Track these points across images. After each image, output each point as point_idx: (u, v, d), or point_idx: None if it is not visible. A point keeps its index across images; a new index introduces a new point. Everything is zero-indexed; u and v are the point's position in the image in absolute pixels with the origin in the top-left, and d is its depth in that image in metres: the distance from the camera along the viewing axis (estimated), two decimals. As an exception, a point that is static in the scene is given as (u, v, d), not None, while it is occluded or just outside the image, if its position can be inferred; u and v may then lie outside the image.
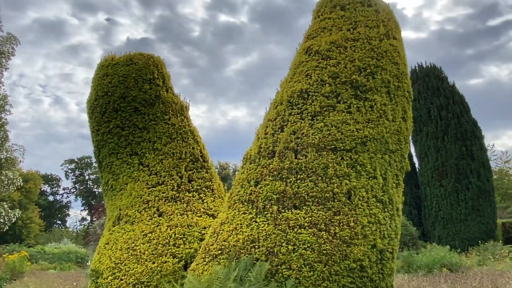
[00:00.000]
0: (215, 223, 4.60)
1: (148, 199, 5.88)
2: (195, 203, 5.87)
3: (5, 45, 16.44)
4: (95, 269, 5.40)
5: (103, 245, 5.79)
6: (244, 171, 4.72)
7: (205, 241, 4.53)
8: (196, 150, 6.65)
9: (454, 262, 11.83)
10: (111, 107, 6.59)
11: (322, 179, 4.12)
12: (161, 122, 6.63)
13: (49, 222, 61.98)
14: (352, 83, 4.63)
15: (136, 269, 4.95)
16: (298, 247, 3.75)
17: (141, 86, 6.68)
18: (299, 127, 4.48)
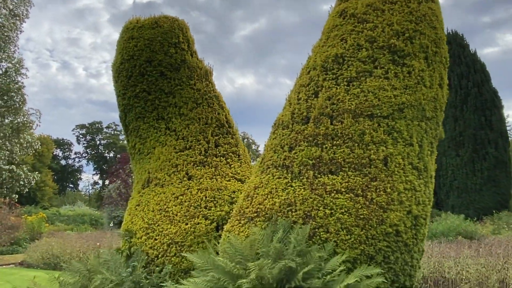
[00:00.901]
0: (248, 187, 4.68)
1: (176, 163, 5.98)
2: (223, 167, 5.96)
3: (19, 7, 16.31)
4: (128, 229, 5.57)
5: (133, 206, 5.95)
6: (276, 137, 4.75)
7: (238, 204, 4.64)
8: (222, 116, 6.68)
9: (469, 230, 11.98)
10: (137, 71, 6.58)
11: (359, 145, 4.15)
12: (187, 87, 6.61)
13: (62, 185, 63.35)
14: (390, 47, 4.56)
15: (170, 230, 5.12)
16: (335, 211, 3.83)
17: (166, 50, 6.63)
18: (334, 93, 4.46)
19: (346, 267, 3.35)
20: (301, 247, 3.32)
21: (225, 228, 4.52)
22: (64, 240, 12.95)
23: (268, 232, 3.79)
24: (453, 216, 13.71)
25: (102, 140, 69.01)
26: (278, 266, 2.94)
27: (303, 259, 3.12)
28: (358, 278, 3.08)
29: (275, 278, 2.94)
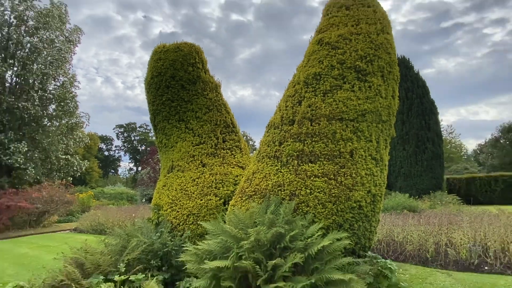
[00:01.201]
0: (247, 172, 4.68)
1: (193, 154, 5.96)
2: (228, 158, 5.95)
3: (73, 35, 16.13)
4: (157, 204, 5.56)
5: (161, 187, 5.93)
6: (269, 135, 4.74)
7: (240, 185, 4.64)
8: (228, 119, 6.65)
9: (412, 205, 12.07)
10: (164, 84, 6.54)
11: (331, 141, 4.15)
12: (201, 97, 6.57)
13: (105, 171, 63.35)
14: (355, 68, 4.55)
15: (188, 204, 5.11)
16: (313, 191, 3.84)
17: (186, 68, 6.59)
18: (313, 102, 4.46)
19: (321, 232, 3.36)
20: (288, 217, 3.33)
21: (230, 203, 4.52)
22: (107, 212, 12.93)
23: (263, 206, 3.80)
24: (400, 195, 13.79)
25: (136, 136, 69.25)
26: (271, 232, 2.95)
27: (290, 227, 3.14)
28: (331, 240, 3.10)
29: (269, 240, 2.95)
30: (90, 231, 11.71)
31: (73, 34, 15.97)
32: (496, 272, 4.53)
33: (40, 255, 7.54)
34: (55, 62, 14.61)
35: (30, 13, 14.40)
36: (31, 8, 14.36)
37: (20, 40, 14.02)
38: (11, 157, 13.52)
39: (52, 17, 14.66)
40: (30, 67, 14.26)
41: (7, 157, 13.47)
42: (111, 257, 3.73)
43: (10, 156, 13.52)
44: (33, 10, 14.48)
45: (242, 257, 2.85)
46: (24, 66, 14.29)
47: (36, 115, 14.69)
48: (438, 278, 4.31)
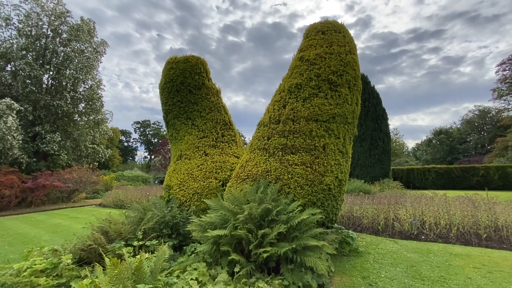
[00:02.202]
0: (242, 160, 4.62)
1: (198, 146, 5.85)
2: (226, 149, 5.86)
3: (100, 47, 15.55)
4: (168, 185, 5.44)
5: (171, 171, 5.81)
6: (259, 131, 4.68)
7: (235, 171, 4.58)
8: (226, 118, 6.54)
9: (367, 189, 12.27)
10: (175, 89, 6.37)
11: (308, 137, 4.13)
12: (205, 100, 6.44)
13: (124, 158, 62.26)
14: (329, 80, 4.53)
15: (194, 185, 5.02)
16: (294, 176, 3.82)
17: (193, 77, 6.43)
18: (295, 106, 4.42)
19: (300, 208, 3.36)
20: (274, 196, 3.30)
21: (228, 185, 4.46)
22: (126, 191, 12.63)
23: (254, 187, 3.75)
24: (358, 181, 14.00)
25: (150, 131, 68.37)
26: (261, 207, 2.92)
27: (275, 204, 3.10)
28: (307, 215, 3.10)
29: (259, 214, 2.92)
30: (112, 206, 11.44)
31: (100, 46, 15.39)
32: (431, 240, 4.64)
33: (71, 225, 7.32)
34: (84, 68, 14.06)
35: (64, 27, 13.77)
36: (65, 24, 13.74)
37: (55, 49, 13.42)
38: (47, 145, 13.02)
39: (82, 31, 14.07)
40: (63, 72, 13.69)
41: (44, 145, 12.96)
42: (131, 226, 3.63)
43: (47, 145, 13.02)
44: (67, 25, 13.85)
45: (237, 227, 2.82)
46: (58, 71, 13.70)
47: (68, 112, 14.16)
48: (388, 244, 4.39)
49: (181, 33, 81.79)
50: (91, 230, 3.68)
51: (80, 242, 3.44)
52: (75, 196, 13.99)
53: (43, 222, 8.00)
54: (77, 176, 13.62)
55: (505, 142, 29.15)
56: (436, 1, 61.03)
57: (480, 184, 17.21)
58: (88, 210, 10.53)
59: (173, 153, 6.55)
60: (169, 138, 6.90)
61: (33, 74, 12.49)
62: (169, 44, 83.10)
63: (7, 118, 10.79)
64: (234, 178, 4.42)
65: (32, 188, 11.78)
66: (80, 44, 14.51)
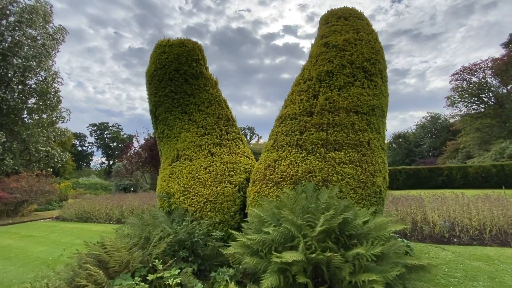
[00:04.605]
0: (264, 160, 3.83)
1: (200, 144, 4.91)
2: (234, 148, 5.02)
3: (57, 33, 13.45)
4: (167, 192, 4.41)
5: (167, 175, 4.77)
6: (285, 125, 3.96)
7: (259, 173, 3.77)
8: (228, 113, 5.70)
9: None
10: (167, 77, 5.36)
11: (351, 131, 3.53)
12: (203, 91, 5.52)
13: (78, 164, 56.70)
14: (363, 68, 4.00)
15: (204, 192, 4.09)
16: (344, 176, 3.17)
17: (190, 63, 5.48)
18: (330, 96, 3.80)
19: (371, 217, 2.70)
20: (332, 200, 2.58)
21: (253, 190, 3.64)
22: (92, 200, 10.83)
23: (298, 192, 3.01)
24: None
25: (108, 134, 63.06)
26: (339, 218, 2.18)
27: (352, 213, 2.39)
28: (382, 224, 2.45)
29: (336, 227, 2.19)
30: (75, 219, 9.65)
31: (57, 33, 13.27)
32: (465, 243, 4.34)
33: (27, 247, 5.74)
34: (38, 56, 11.92)
35: (13, 7, 11.55)
36: (15, 3, 11.53)
37: (1, 32, 11.15)
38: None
39: (37, 14, 11.95)
40: (10, 59, 11.43)
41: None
42: (138, 251, 2.60)
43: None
44: (17, 5, 11.65)
45: (311, 247, 2.04)
46: (4, 58, 11.40)
47: (15, 107, 11.84)
48: (438, 252, 3.92)
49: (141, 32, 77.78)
50: (78, 260, 2.57)
51: (63, 279, 2.34)
52: (24, 208, 11.67)
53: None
54: (27, 184, 11.38)
55: (456, 145, 32.32)
56: (386, 19, 66.95)
57: (444, 183, 18.47)
58: (45, 226, 8.67)
59: (166, 153, 5.47)
60: (159, 136, 5.80)
61: (-31, 59, 10.16)
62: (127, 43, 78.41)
63: None
64: (260, 181, 3.62)
65: (-35, 200, 9.44)
66: (32, 30, 12.33)
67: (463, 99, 27.97)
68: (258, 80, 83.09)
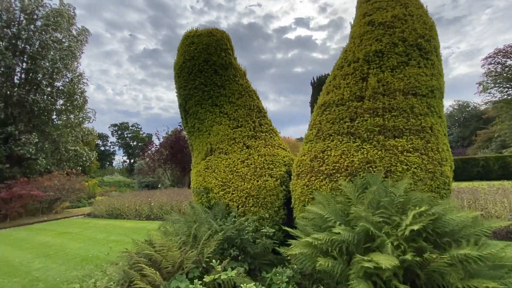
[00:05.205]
0: (313, 151, 3.52)
1: (234, 137, 4.68)
2: (269, 140, 4.75)
3: (81, 35, 13.72)
4: (204, 186, 4.23)
5: (202, 169, 4.59)
6: (330, 113, 3.62)
7: (304, 165, 3.47)
8: (259, 104, 5.42)
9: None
10: (197, 68, 5.15)
11: (411, 116, 3.14)
12: (233, 82, 5.28)
13: (102, 163, 58.97)
14: (417, 45, 3.56)
15: (244, 186, 3.86)
16: (410, 166, 2.81)
17: (219, 53, 5.25)
18: (382, 77, 3.41)
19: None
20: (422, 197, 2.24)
21: (300, 183, 3.35)
22: (121, 197, 11.01)
23: (358, 184, 2.70)
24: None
25: (128, 134, 65.12)
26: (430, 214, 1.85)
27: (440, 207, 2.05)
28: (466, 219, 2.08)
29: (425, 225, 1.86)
30: (105, 215, 9.84)
31: (80, 34, 13.53)
32: (537, 240, 3.84)
33: (64, 244, 5.81)
34: (65, 58, 12.19)
35: (40, 11, 11.84)
36: (41, 7, 11.81)
37: (30, 37, 11.48)
38: (23, 148, 11.06)
39: (62, 17, 12.20)
40: (39, 62, 11.76)
41: (18, 148, 10.99)
42: (191, 250, 2.40)
43: (22, 147, 11.05)
44: (44, 9, 11.93)
45: (400, 247, 1.73)
46: (34, 61, 11.76)
47: (46, 108, 12.22)
48: None
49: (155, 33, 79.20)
50: (128, 260, 2.41)
51: (115, 280, 2.18)
52: (57, 206, 12.10)
53: (26, 241, 6.38)
54: (59, 183, 11.75)
55: (488, 134, 30.27)
56: (405, 5, 63.38)
57: (480, 174, 17.29)
58: (79, 223, 8.87)
59: (198, 147, 5.29)
60: (189, 130, 5.63)
61: (4, 63, 10.51)
62: (142, 45, 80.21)
63: (-30, 116, 8.87)
64: (308, 174, 3.32)
65: (5, 199, 9.86)
66: (58, 33, 12.62)
67: (497, 84, 26.00)
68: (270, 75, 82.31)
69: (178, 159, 22.96)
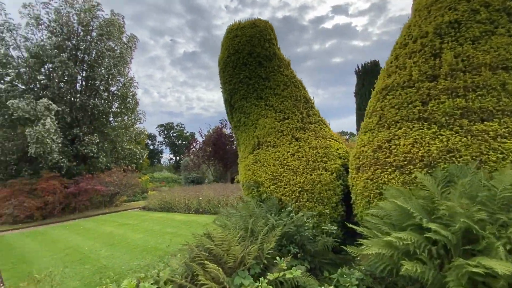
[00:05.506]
0: (376, 141, 3.15)
1: (281, 129, 4.49)
2: (319, 131, 4.45)
3: (130, 42, 14.75)
4: (255, 180, 4.13)
5: (251, 163, 4.49)
6: (394, 97, 3.21)
7: (366, 157, 3.13)
8: (306, 94, 5.13)
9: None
10: (241, 62, 5.06)
11: (503, 94, 2.60)
12: (278, 73, 5.07)
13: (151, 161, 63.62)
14: (505, 9, 2.94)
15: (297, 180, 3.66)
16: (507, 155, 2.32)
17: (263, 44, 5.08)
18: (461, 51, 2.89)
19: None
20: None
21: (363, 177, 3.03)
22: (172, 192, 11.66)
23: (438, 177, 2.30)
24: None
25: (174, 133, 69.36)
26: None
27: None
28: None
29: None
30: (158, 209, 10.49)
31: (130, 40, 14.56)
32: None
33: (126, 234, 6.28)
34: (118, 64, 13.26)
35: (94, 23, 13.02)
36: (95, 18, 12.98)
37: (87, 47, 12.71)
38: (86, 147, 12.38)
39: (113, 26, 13.26)
40: (97, 69, 12.97)
41: (83, 148, 12.32)
42: (253, 246, 2.30)
43: (86, 147, 12.38)
44: (98, 20, 13.09)
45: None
46: (92, 69, 13.01)
47: (104, 112, 13.47)
48: None
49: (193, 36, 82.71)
50: (189, 253, 2.40)
51: (179, 274, 2.16)
52: (117, 199, 13.31)
53: (93, 231, 7.07)
54: (118, 178, 12.89)
55: None
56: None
57: None
58: (136, 215, 9.60)
59: (244, 141, 5.23)
60: (235, 125, 5.59)
61: (68, 72, 11.81)
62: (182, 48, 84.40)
63: (45, 120, 10.13)
64: (370, 166, 2.99)
65: (74, 193, 11.12)
66: (111, 42, 13.74)
67: None
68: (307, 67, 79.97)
69: (220, 156, 23.65)
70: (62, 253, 5.00)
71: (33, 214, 9.98)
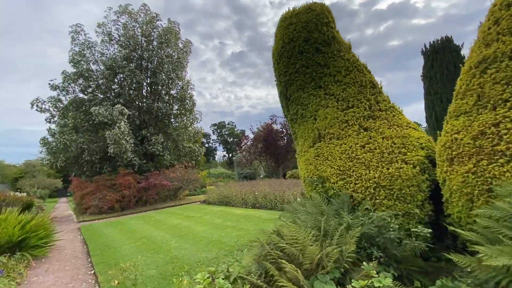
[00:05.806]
0: (475, 126, 2.57)
1: (346, 119, 4.06)
2: (393, 119, 3.89)
3: (186, 46, 15.67)
4: (318, 175, 3.84)
5: (312, 157, 4.20)
6: (497, 71, 2.57)
7: (462, 145, 2.57)
8: (372, 78, 4.57)
9: None
10: (297, 50, 4.76)
11: None
12: (338, 58, 4.61)
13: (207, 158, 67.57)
14: None
15: (370, 174, 3.25)
16: None
17: (320, 29, 4.69)
18: None
19: None
20: None
21: (461, 170, 2.49)
22: (229, 187, 12.07)
23: None
24: None
25: (226, 131, 72.40)
26: None
27: None
28: None
29: None
30: (217, 203, 10.95)
31: (185, 46, 15.48)
32: None
33: (191, 226, 6.65)
34: (176, 69, 14.25)
35: (155, 32, 14.20)
36: (156, 28, 14.14)
37: (150, 55, 13.94)
38: (153, 146, 13.66)
39: (170, 34, 14.25)
40: (159, 75, 14.15)
41: (150, 147, 13.64)
42: (332, 248, 2.08)
43: (153, 146, 13.67)
44: (157, 29, 14.24)
45: None
46: (154, 75, 14.24)
47: (166, 113, 14.65)
48: None
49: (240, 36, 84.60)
50: (260, 249, 2.29)
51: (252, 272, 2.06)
52: (180, 193, 14.39)
53: (163, 222, 7.70)
54: (180, 174, 13.90)
55: None
56: None
57: None
58: (198, 208, 10.20)
59: (303, 135, 4.94)
60: (292, 118, 5.32)
61: (135, 80, 13.15)
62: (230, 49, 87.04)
63: (120, 124, 11.44)
64: (469, 157, 2.44)
65: (145, 187, 12.37)
66: (170, 49, 14.81)
67: None
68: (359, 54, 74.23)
69: (271, 151, 23.68)
70: (139, 242, 5.52)
71: (114, 206, 11.44)
